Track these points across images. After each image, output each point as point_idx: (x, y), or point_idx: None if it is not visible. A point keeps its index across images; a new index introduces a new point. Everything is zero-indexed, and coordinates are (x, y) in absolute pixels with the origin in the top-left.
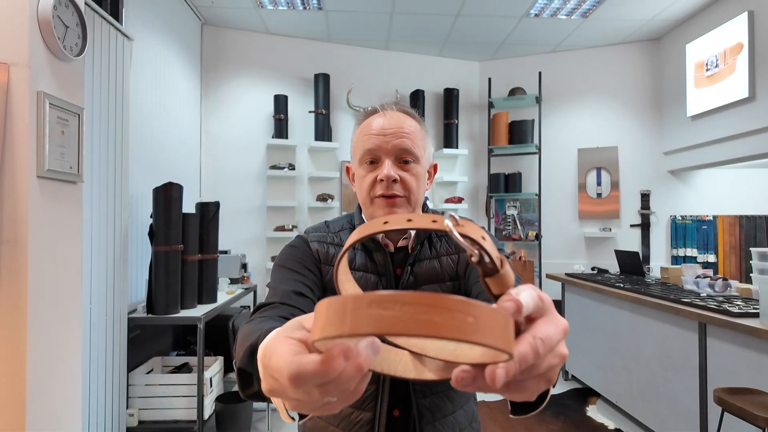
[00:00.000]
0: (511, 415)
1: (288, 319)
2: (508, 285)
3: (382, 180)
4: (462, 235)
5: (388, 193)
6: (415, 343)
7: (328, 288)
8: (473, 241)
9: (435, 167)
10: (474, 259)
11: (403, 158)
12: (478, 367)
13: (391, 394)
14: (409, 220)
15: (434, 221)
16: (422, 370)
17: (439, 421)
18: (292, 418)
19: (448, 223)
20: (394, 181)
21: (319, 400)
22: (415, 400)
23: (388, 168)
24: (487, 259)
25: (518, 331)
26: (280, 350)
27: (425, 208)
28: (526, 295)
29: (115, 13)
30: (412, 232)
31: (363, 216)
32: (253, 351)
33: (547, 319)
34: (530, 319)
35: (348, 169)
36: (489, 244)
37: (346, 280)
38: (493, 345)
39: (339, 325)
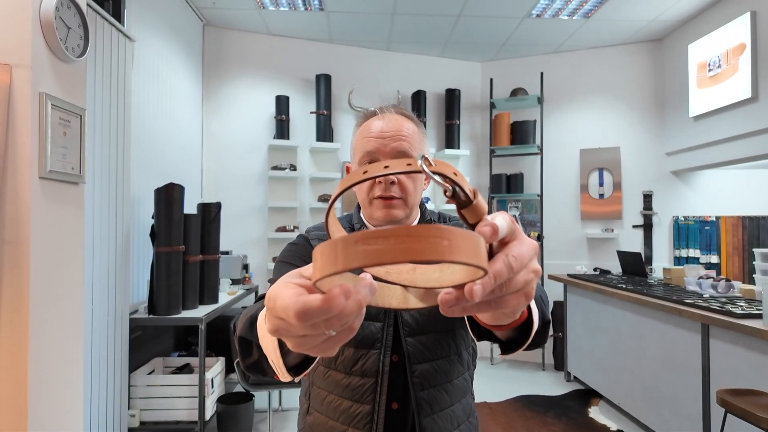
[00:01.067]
0: (501, 356)
1: None
2: (482, 213)
3: (380, 182)
4: (435, 173)
5: (386, 195)
6: (405, 277)
7: None
8: (446, 177)
9: None
10: (448, 194)
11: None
12: (460, 288)
13: (390, 387)
14: (386, 167)
15: (409, 164)
16: (414, 301)
17: (437, 414)
18: (292, 378)
19: (421, 164)
20: (392, 183)
21: (321, 334)
22: (413, 393)
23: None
24: (460, 192)
25: (494, 254)
26: (285, 293)
27: (423, 208)
28: (500, 219)
29: (117, 14)
30: None
31: (362, 215)
32: (252, 321)
33: (518, 241)
34: (504, 243)
35: (348, 169)
36: (461, 179)
37: (337, 231)
38: (467, 261)
39: (333, 263)
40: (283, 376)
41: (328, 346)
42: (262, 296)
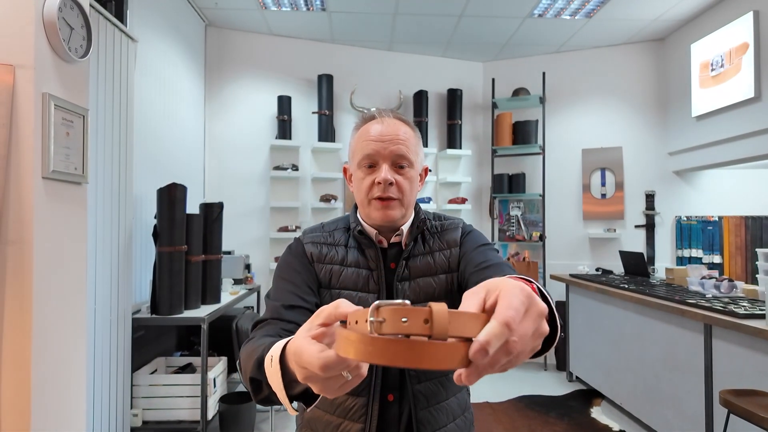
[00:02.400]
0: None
1: (279, 335)
2: (445, 333)
3: (379, 183)
4: (383, 334)
5: (384, 196)
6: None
7: (323, 283)
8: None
9: (426, 170)
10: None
11: (399, 163)
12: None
13: (384, 379)
14: (356, 321)
15: (366, 320)
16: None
17: (433, 407)
18: (296, 410)
19: (369, 328)
20: (390, 184)
21: (339, 379)
22: (410, 386)
23: (385, 172)
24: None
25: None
26: (308, 350)
27: (417, 209)
28: (495, 341)
29: (120, 14)
30: (404, 229)
31: (358, 215)
32: (260, 363)
33: (523, 318)
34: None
35: (345, 170)
36: (412, 323)
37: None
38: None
39: (346, 352)
40: (291, 411)
41: (344, 388)
42: (258, 322)
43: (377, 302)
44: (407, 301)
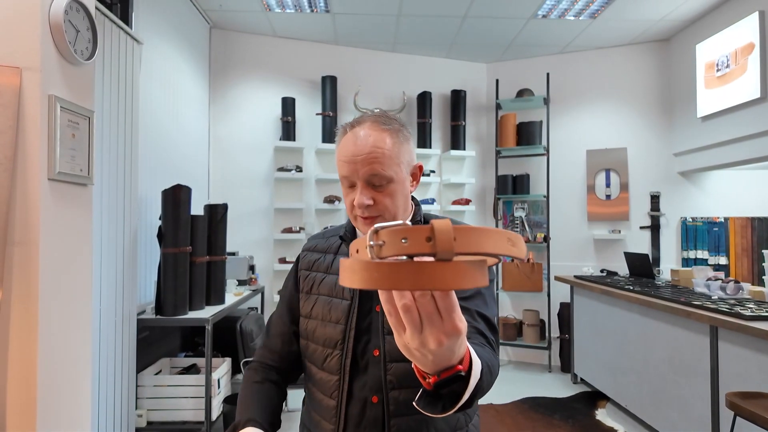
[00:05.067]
0: (425, 411)
1: (264, 379)
2: (450, 250)
3: (358, 206)
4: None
5: (365, 216)
6: None
7: (304, 289)
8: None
9: (420, 168)
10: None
11: (374, 183)
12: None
13: (372, 381)
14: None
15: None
16: None
17: (412, 416)
18: None
19: (370, 258)
20: (368, 206)
21: None
22: (385, 391)
23: (359, 196)
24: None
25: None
26: None
27: (416, 209)
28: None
29: (125, 17)
30: None
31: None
32: (235, 427)
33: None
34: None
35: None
36: (412, 243)
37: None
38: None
39: (350, 281)
40: None
41: None
42: (248, 361)
43: (376, 225)
44: (408, 222)
